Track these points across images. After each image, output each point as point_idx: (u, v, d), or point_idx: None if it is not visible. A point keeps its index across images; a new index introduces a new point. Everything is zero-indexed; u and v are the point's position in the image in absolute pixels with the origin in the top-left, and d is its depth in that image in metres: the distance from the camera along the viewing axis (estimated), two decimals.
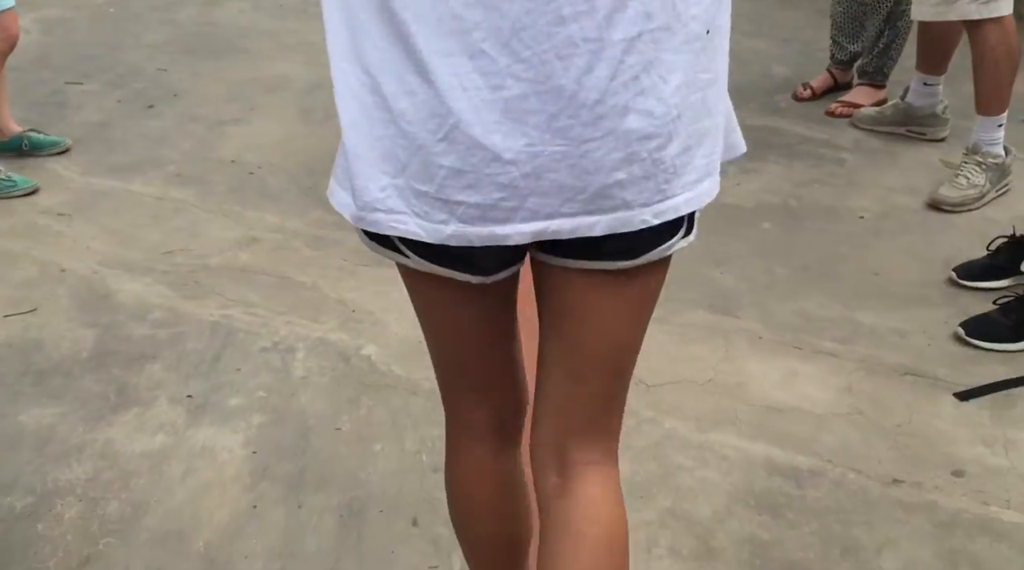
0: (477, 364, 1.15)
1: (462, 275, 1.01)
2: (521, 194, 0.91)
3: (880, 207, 2.77)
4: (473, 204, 0.91)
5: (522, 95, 0.87)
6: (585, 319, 1.04)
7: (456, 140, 0.89)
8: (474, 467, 1.22)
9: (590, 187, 0.91)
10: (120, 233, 2.67)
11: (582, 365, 1.07)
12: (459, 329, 1.11)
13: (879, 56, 3.30)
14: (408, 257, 1.00)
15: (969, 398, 1.99)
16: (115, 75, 3.73)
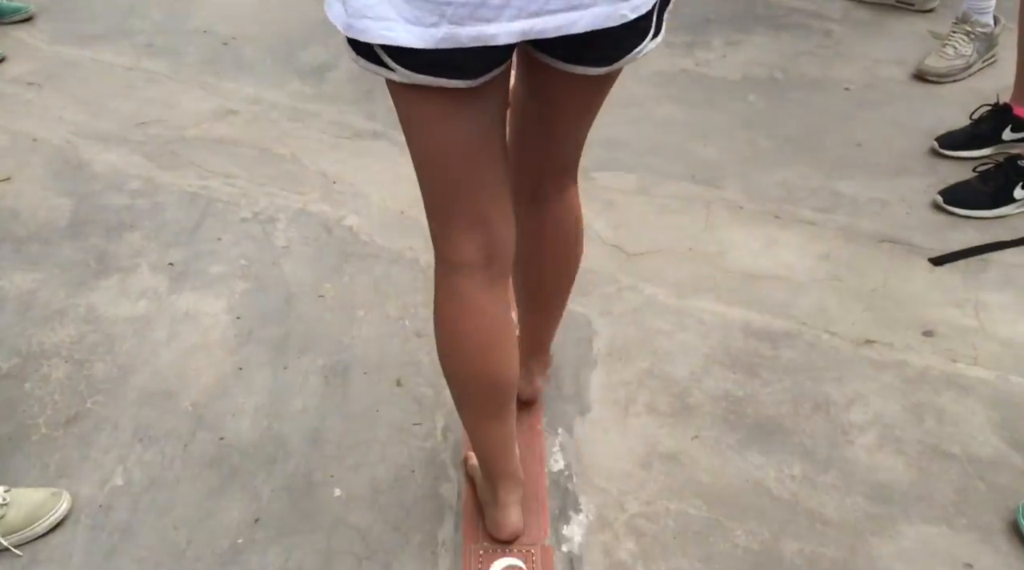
0: (469, 187, 1.16)
1: (449, 81, 1.02)
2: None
3: (866, 78, 2.74)
4: (462, 3, 0.93)
5: None
6: (565, 108, 1.21)
7: None
8: (463, 302, 1.24)
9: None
10: (92, 103, 2.61)
11: (557, 136, 1.26)
12: (451, 145, 1.11)
13: None
14: (394, 70, 1.01)
15: (943, 263, 2.02)
16: None
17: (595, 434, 1.65)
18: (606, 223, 2.16)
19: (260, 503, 1.52)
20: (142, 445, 1.62)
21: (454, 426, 1.66)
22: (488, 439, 1.39)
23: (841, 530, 1.48)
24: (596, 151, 2.41)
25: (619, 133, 2.50)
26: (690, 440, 1.63)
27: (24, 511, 1.45)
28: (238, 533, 1.48)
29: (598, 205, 2.22)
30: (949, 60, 2.64)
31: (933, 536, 1.47)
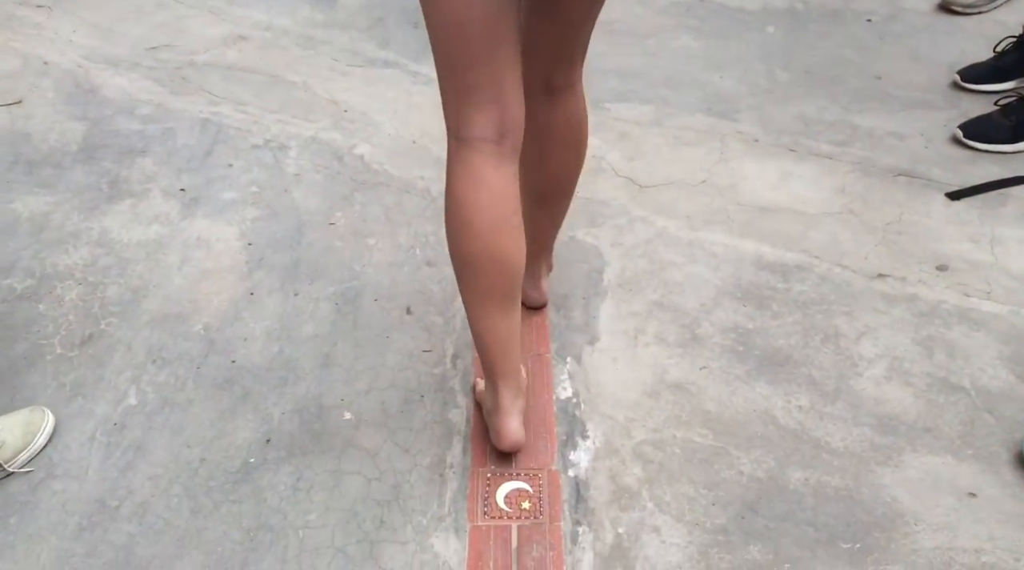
0: (485, 60, 1.19)
1: None
2: None
3: (888, 10, 2.67)
4: None
5: None
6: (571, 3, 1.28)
7: None
8: (475, 178, 1.27)
9: None
10: (102, 27, 2.58)
11: (566, 27, 1.33)
12: (469, 15, 1.15)
13: None
14: None
15: (960, 197, 1.99)
16: None
17: (603, 363, 1.66)
18: (620, 155, 2.14)
19: (271, 424, 1.55)
20: (155, 366, 1.64)
21: (464, 353, 1.67)
22: (491, 331, 1.38)
23: (846, 459, 1.49)
24: (611, 82, 2.38)
25: (634, 64, 2.46)
26: (698, 371, 1.64)
27: (17, 433, 1.48)
28: (249, 453, 1.50)
29: (612, 136, 2.19)
30: None
31: (938, 466, 1.48)
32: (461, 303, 1.76)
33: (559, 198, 1.56)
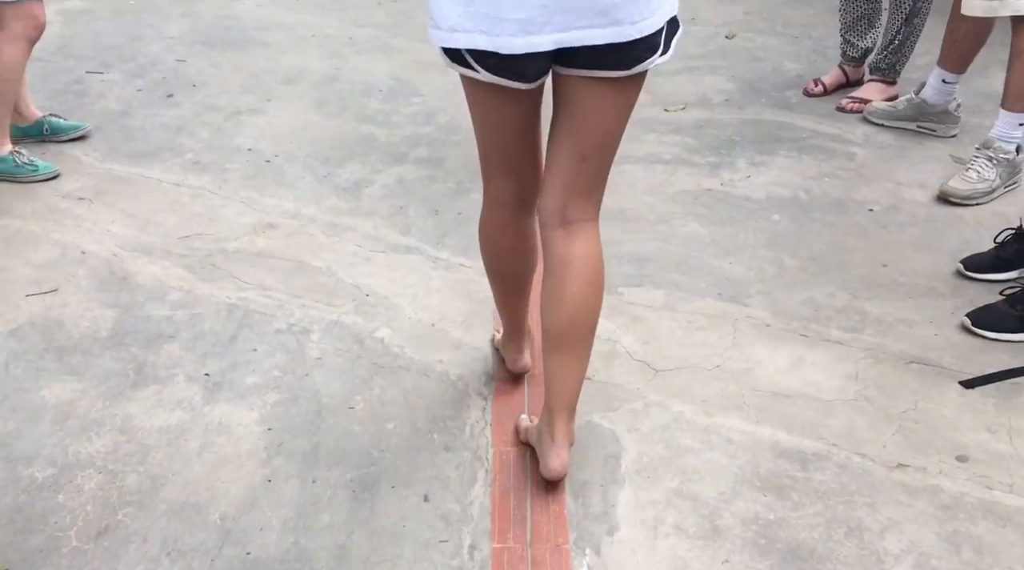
0: (514, 148, 1.66)
1: (513, 83, 1.50)
2: (549, 12, 1.39)
3: (889, 200, 2.79)
4: (517, 19, 1.39)
5: None
6: (590, 113, 1.54)
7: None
8: (499, 226, 1.77)
9: (595, 7, 1.39)
10: (139, 217, 2.72)
11: (586, 149, 1.58)
12: (505, 122, 1.61)
13: (893, 53, 3.31)
14: (478, 71, 1.49)
15: (974, 386, 2.01)
16: (135, 65, 3.78)
17: (623, 555, 1.63)
18: (634, 339, 2.19)
19: None
20: (169, 559, 1.63)
21: (481, 544, 1.65)
22: (510, 308, 1.94)
23: None
24: (624, 267, 2.46)
25: (646, 249, 2.56)
26: (720, 565, 1.61)
27: None
28: None
29: (626, 320, 2.25)
30: (972, 183, 2.69)
31: None
32: (478, 490, 1.76)
33: (579, 338, 1.68)
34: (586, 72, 1.48)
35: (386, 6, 4.53)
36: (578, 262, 1.63)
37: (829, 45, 3.84)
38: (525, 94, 1.55)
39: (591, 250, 1.64)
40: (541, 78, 1.52)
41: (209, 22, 4.29)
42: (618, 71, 1.47)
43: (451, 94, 3.51)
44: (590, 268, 1.64)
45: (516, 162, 1.67)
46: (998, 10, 2.62)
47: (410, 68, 3.79)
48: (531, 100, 1.58)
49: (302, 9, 4.48)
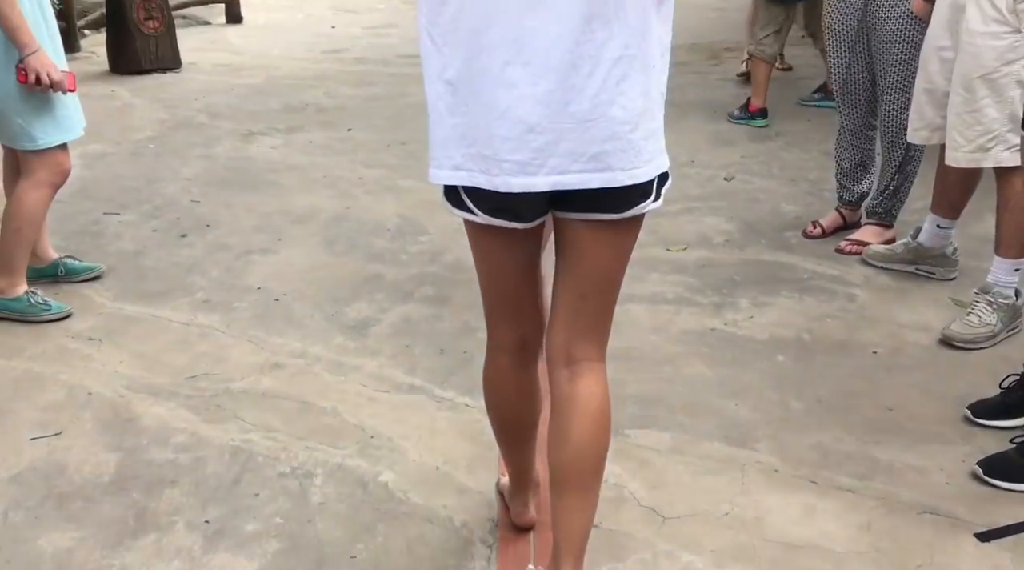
0: (514, 292, 1.71)
1: (510, 223, 1.57)
2: (545, 155, 1.47)
3: (892, 343, 2.81)
4: (515, 161, 1.47)
5: (548, 91, 1.44)
6: (588, 254, 1.61)
7: (507, 118, 1.45)
8: (502, 374, 1.79)
9: (588, 152, 1.47)
10: (147, 358, 2.74)
11: (586, 288, 1.64)
12: (504, 264, 1.67)
13: (888, 198, 3.40)
14: (476, 214, 1.56)
15: (990, 539, 1.96)
16: (152, 206, 3.90)
17: None
18: (641, 483, 2.16)
19: None
20: None
21: None
22: (515, 458, 1.94)
23: None
24: (630, 408, 2.46)
25: (651, 390, 2.56)
26: None
27: None
28: None
29: (633, 465, 2.23)
30: (974, 328, 2.71)
31: None
32: None
33: (585, 479, 1.67)
34: (582, 215, 1.56)
35: (395, 148, 4.70)
36: (583, 401, 1.64)
37: (825, 188, 3.95)
38: (523, 236, 1.61)
39: (596, 389, 1.66)
40: (538, 219, 1.59)
41: (224, 164, 4.44)
42: (612, 214, 1.56)
43: (457, 233, 3.57)
44: (595, 407, 1.65)
45: (517, 306, 1.72)
46: (980, 161, 2.72)
47: (417, 207, 3.90)
48: (529, 243, 1.65)
49: (314, 151, 4.64)
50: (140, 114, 5.23)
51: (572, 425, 1.64)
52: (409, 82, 5.99)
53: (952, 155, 2.77)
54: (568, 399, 1.65)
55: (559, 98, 1.44)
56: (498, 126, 1.45)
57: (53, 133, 2.80)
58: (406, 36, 7.34)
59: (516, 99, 1.44)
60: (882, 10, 3.13)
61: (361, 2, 8.91)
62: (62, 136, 2.84)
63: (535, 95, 1.44)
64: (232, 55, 6.76)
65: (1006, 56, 2.60)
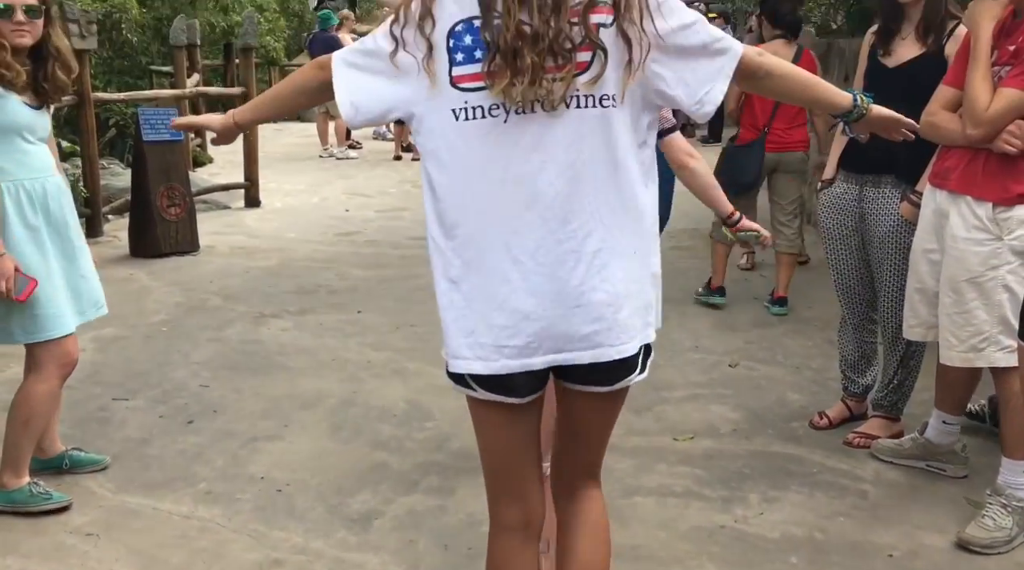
0: (513, 468, 1.85)
1: (508, 398, 1.75)
2: (540, 339, 1.69)
3: (908, 545, 2.73)
4: (514, 346, 1.69)
5: (540, 283, 1.68)
6: (582, 417, 1.87)
7: (504, 309, 1.68)
8: (505, 554, 1.88)
9: (579, 334, 1.69)
10: (144, 554, 2.67)
11: (581, 443, 1.91)
12: (504, 439, 1.82)
13: (893, 392, 3.40)
14: (476, 390, 1.75)
15: None
16: (160, 391, 3.92)
17: None
18: None
19: None
20: None
21: None
22: None
23: None
24: None
25: None
26: None
27: None
28: None
29: None
30: (990, 531, 2.65)
31: None
32: None
33: None
34: (576, 386, 1.79)
35: (404, 330, 4.77)
36: (584, 525, 1.91)
37: (830, 377, 3.97)
38: (520, 410, 1.78)
39: (596, 510, 1.92)
40: (533, 395, 1.79)
41: (235, 347, 4.50)
42: (602, 387, 1.78)
43: (463, 419, 3.55)
44: (594, 524, 1.91)
45: (518, 482, 1.85)
46: (974, 361, 2.75)
47: (424, 392, 3.92)
48: (527, 417, 1.81)
49: (324, 333, 4.71)
50: (156, 297, 5.36)
51: (578, 542, 1.89)
52: (418, 264, 6.16)
53: (946, 354, 2.81)
54: (572, 519, 1.92)
55: (549, 289, 1.67)
56: (497, 316, 1.68)
57: (33, 331, 2.77)
58: (416, 219, 7.61)
59: (511, 293, 1.67)
60: (875, 212, 3.26)
61: (373, 186, 9.30)
62: (44, 333, 2.78)
63: (528, 288, 1.67)
64: (249, 238, 6.99)
65: (990, 261, 2.68)
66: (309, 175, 9.94)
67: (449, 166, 1.69)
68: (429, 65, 1.65)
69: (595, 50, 1.62)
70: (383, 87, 1.72)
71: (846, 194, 3.33)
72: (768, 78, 1.77)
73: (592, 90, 1.64)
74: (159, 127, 6.31)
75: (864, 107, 1.87)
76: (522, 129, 1.64)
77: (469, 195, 1.68)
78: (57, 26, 2.89)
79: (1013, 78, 2.60)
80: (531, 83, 1.59)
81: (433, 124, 1.69)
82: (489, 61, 1.61)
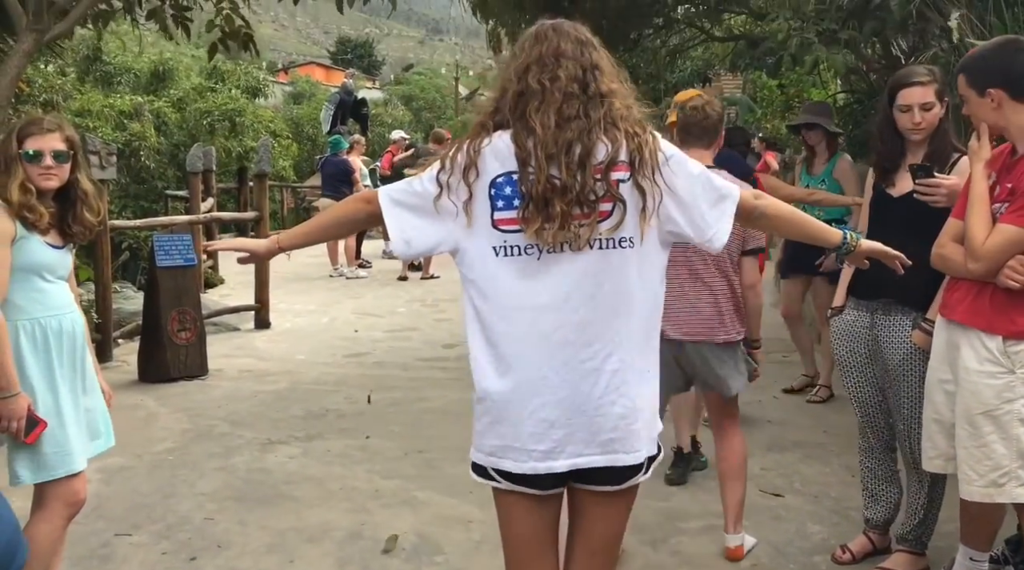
0: (536, 560, 2.07)
1: (530, 490, 2.01)
2: (563, 444, 1.96)
3: None
4: (540, 450, 1.96)
5: (564, 396, 1.96)
6: (594, 517, 2.08)
7: (535, 418, 1.96)
8: None
9: (597, 440, 1.97)
10: None
11: (594, 543, 2.09)
12: (527, 528, 2.06)
13: (917, 526, 3.28)
14: (499, 482, 2.03)
15: None
16: (164, 525, 3.83)
17: None
18: None
19: None
20: None
21: None
22: None
23: None
24: None
25: None
26: None
27: None
28: None
29: None
30: None
31: None
32: None
33: None
34: (590, 487, 2.03)
35: (412, 457, 4.70)
36: None
37: (850, 506, 3.87)
38: (541, 502, 2.04)
39: None
40: (556, 488, 2.04)
41: (241, 476, 4.43)
42: (613, 486, 2.03)
43: (474, 554, 3.49)
44: None
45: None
46: (994, 497, 2.66)
47: (433, 523, 3.82)
48: (548, 509, 2.06)
49: (332, 461, 4.64)
50: (163, 423, 5.31)
51: None
52: (427, 386, 6.14)
53: (966, 489, 2.73)
54: None
55: (573, 403, 1.95)
56: (527, 425, 1.95)
57: (41, 468, 2.74)
58: (425, 339, 7.62)
59: (540, 406, 1.95)
60: (888, 340, 3.23)
61: (384, 305, 9.35)
62: (51, 473, 2.75)
63: (554, 402, 1.94)
64: (257, 361, 6.99)
65: (1004, 395, 2.64)
66: (319, 295, 10.02)
67: (488, 294, 1.98)
68: (469, 208, 1.96)
69: (615, 202, 1.93)
70: (426, 225, 2.00)
71: (857, 322, 3.32)
72: (763, 218, 2.11)
73: (613, 234, 1.94)
74: (173, 253, 6.41)
75: (853, 244, 2.20)
76: (552, 265, 1.94)
77: (507, 320, 1.96)
78: (84, 169, 2.96)
79: (1010, 214, 2.64)
80: (560, 228, 1.90)
81: (475, 258, 1.98)
82: (524, 209, 1.92)
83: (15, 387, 2.65)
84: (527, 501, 2.02)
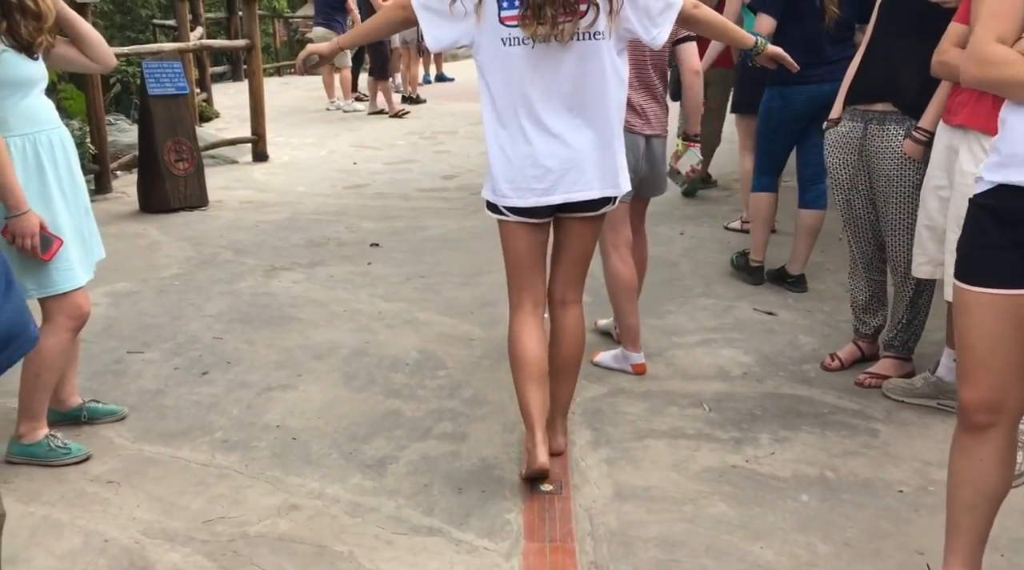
0: (528, 269, 2.73)
1: (529, 219, 2.66)
2: (556, 184, 2.60)
3: (918, 481, 2.75)
4: (539, 188, 2.60)
5: (558, 148, 2.59)
6: (574, 237, 2.74)
7: (536, 164, 2.59)
8: (520, 325, 2.74)
9: (583, 178, 2.61)
10: (164, 501, 2.72)
11: (572, 256, 2.78)
12: (523, 248, 2.71)
13: (903, 332, 3.40)
14: (507, 216, 2.67)
15: None
16: (175, 344, 3.95)
17: None
18: None
19: None
20: None
21: None
22: (528, 402, 2.69)
23: None
24: (651, 551, 2.41)
25: (673, 532, 2.51)
26: None
27: None
28: None
29: None
30: None
31: None
32: None
33: (568, 372, 2.88)
34: (571, 215, 2.67)
35: (414, 281, 4.78)
36: (568, 327, 2.83)
37: (841, 319, 3.97)
38: (536, 229, 2.69)
39: (576, 320, 2.84)
40: (547, 218, 2.68)
41: (246, 300, 4.52)
42: (590, 212, 2.69)
43: (475, 368, 3.61)
44: (574, 329, 2.83)
45: (530, 280, 2.73)
46: None
47: (436, 341, 3.93)
48: (540, 234, 2.71)
49: (335, 286, 4.73)
50: (167, 252, 5.37)
51: (563, 338, 2.82)
52: (427, 215, 6.16)
53: (950, 290, 2.78)
54: (560, 326, 2.83)
55: (563, 153, 2.57)
56: (529, 169, 2.58)
57: (46, 284, 2.80)
58: (425, 170, 7.58)
59: (537, 153, 2.57)
60: (878, 151, 3.22)
61: (382, 138, 9.24)
62: (55, 288, 2.81)
63: (550, 152, 2.57)
64: (257, 192, 6.98)
65: None
66: (316, 128, 9.88)
67: (499, 74, 2.57)
68: (479, 10, 2.52)
69: (590, 4, 2.51)
70: (448, 25, 2.57)
71: (850, 133, 3.30)
72: (698, 24, 2.71)
73: (589, 29, 2.53)
74: (164, 81, 6.27)
75: (761, 47, 2.83)
76: (544, 53, 2.53)
77: (512, 91, 2.56)
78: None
79: None
80: (551, 28, 2.47)
81: (487, 48, 2.56)
82: (523, 12, 2.49)
83: (24, 205, 2.67)
84: (527, 227, 2.67)
